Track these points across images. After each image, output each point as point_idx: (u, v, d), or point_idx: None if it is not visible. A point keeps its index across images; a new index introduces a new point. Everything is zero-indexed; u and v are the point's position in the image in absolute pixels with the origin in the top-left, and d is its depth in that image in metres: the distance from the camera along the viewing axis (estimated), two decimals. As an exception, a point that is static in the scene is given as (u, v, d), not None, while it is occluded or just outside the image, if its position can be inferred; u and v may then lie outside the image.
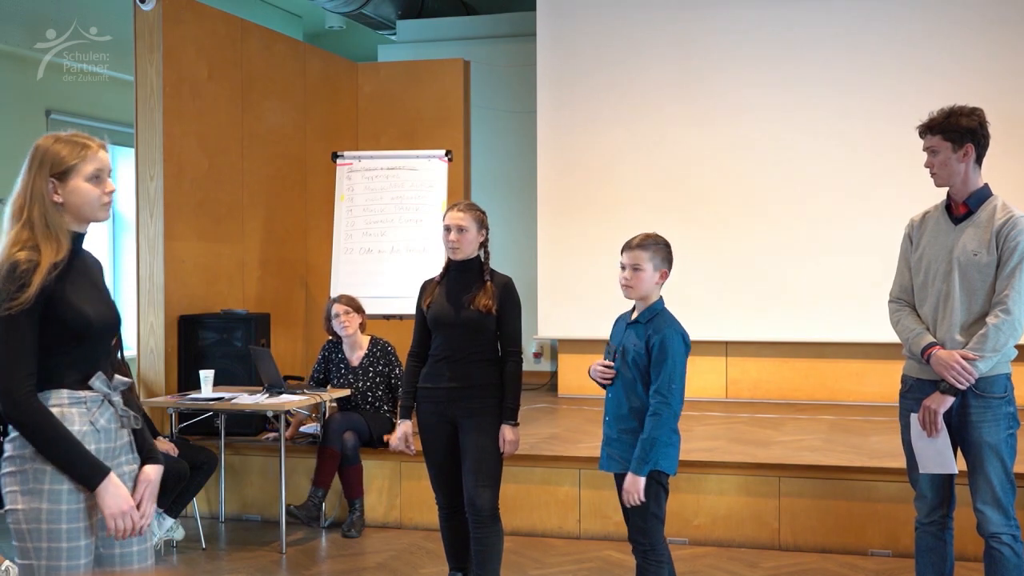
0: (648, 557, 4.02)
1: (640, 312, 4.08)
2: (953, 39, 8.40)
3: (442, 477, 4.63)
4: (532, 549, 5.89)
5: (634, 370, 4.02)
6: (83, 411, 2.80)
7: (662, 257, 4.04)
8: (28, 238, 2.76)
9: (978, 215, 3.90)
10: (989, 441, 3.82)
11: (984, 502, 3.85)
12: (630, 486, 3.91)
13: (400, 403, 4.75)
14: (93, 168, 2.85)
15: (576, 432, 7.22)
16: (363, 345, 6.63)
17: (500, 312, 4.53)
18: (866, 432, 7.04)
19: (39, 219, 2.78)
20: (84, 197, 2.83)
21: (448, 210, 4.63)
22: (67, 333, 2.78)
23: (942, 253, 3.95)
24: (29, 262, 2.72)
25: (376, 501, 6.48)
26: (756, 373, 8.77)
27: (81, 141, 2.88)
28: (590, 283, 8.94)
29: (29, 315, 2.70)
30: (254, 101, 8.24)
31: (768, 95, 8.75)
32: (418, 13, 11.27)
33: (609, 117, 9.13)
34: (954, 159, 3.89)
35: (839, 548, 5.76)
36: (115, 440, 2.88)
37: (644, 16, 9.07)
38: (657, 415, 3.92)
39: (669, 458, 3.97)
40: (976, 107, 3.95)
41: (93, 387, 2.82)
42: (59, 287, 2.76)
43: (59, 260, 2.76)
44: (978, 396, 3.83)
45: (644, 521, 3.99)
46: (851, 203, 8.46)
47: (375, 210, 8.05)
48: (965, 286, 3.87)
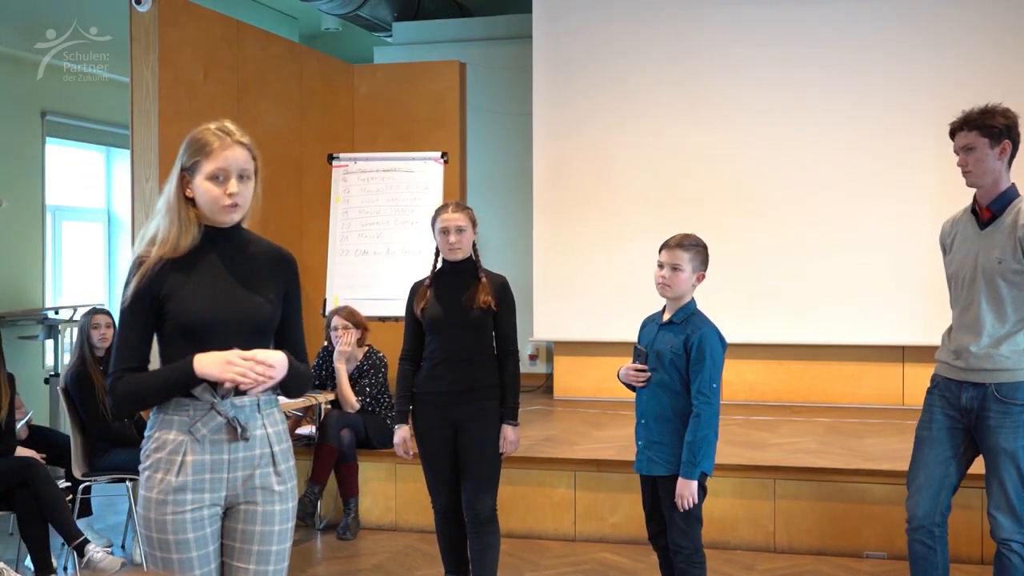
0: (692, 560, 3.99)
1: (673, 313, 4.06)
2: (952, 40, 8.40)
3: (441, 481, 4.59)
4: (527, 551, 5.89)
5: (672, 371, 3.99)
6: (184, 419, 2.71)
7: (701, 259, 4.05)
8: (155, 231, 2.75)
9: (1003, 220, 3.87)
10: (1006, 447, 3.81)
11: (997, 507, 3.84)
12: (683, 490, 3.89)
13: (396, 408, 4.71)
14: (214, 167, 2.76)
15: (572, 434, 7.22)
16: (357, 357, 6.62)
17: (498, 311, 4.52)
18: (861, 434, 7.05)
19: (166, 211, 2.75)
20: (205, 196, 2.76)
21: (440, 212, 4.57)
22: (179, 331, 2.71)
23: (968, 259, 3.93)
24: (142, 257, 2.70)
25: (372, 503, 6.47)
26: (751, 375, 8.77)
27: (207, 138, 2.81)
28: (586, 285, 8.94)
29: (133, 311, 2.69)
30: (250, 103, 8.23)
31: (764, 96, 8.75)
32: (414, 15, 11.27)
33: (605, 119, 9.14)
34: (991, 156, 3.84)
35: (834, 550, 5.77)
36: (230, 452, 2.75)
37: (640, 18, 9.07)
38: (700, 416, 3.91)
39: (709, 458, 3.97)
40: (1009, 108, 3.91)
41: (196, 395, 2.72)
42: (172, 281, 2.70)
43: (172, 254, 2.70)
44: (999, 401, 3.81)
45: (688, 524, 3.97)
46: (848, 205, 8.45)
47: (371, 212, 8.05)
48: (990, 294, 3.85)
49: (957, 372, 3.93)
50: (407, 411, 4.63)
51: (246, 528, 2.80)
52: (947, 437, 3.95)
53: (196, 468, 2.72)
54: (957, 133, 3.93)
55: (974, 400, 3.87)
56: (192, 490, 2.72)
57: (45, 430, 6.37)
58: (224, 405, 2.74)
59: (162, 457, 2.72)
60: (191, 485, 2.71)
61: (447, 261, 4.58)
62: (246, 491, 2.79)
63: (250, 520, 2.80)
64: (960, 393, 3.91)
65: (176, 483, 2.70)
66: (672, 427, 3.98)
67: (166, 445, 2.72)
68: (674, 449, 3.95)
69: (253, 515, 2.80)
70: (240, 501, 2.79)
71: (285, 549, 2.87)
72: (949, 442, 3.95)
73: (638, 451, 4.13)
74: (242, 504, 2.80)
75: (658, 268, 4.06)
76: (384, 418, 6.58)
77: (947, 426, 3.95)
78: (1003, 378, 3.82)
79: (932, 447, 3.98)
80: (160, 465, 2.72)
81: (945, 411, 3.96)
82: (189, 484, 2.71)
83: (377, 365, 6.60)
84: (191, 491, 2.72)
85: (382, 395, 6.60)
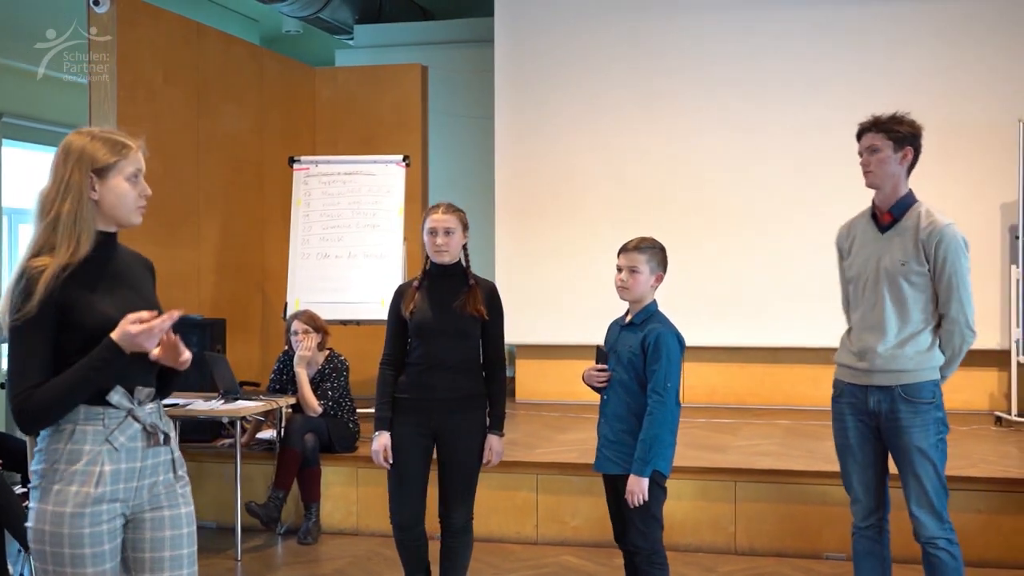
0: (652, 560, 4.00)
1: (634, 314, 4.11)
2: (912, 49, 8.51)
3: (407, 493, 4.35)
4: (489, 555, 5.88)
5: (630, 371, 4.03)
6: (99, 429, 2.65)
7: (658, 261, 4.10)
8: (48, 240, 2.65)
9: (903, 223, 3.98)
10: (919, 446, 3.88)
11: (918, 506, 3.91)
12: (634, 487, 3.91)
13: (377, 414, 4.42)
14: (133, 168, 2.76)
15: (533, 437, 7.23)
16: (318, 361, 6.58)
17: (488, 317, 4.40)
18: (821, 436, 7.08)
19: (68, 215, 2.65)
20: (122, 197, 2.72)
21: (430, 212, 4.43)
22: (85, 338, 2.62)
23: (870, 262, 4.03)
24: (38, 268, 2.60)
25: (333, 507, 6.44)
26: (712, 378, 8.81)
27: (120, 139, 2.78)
28: (547, 288, 8.95)
29: (36, 324, 2.58)
30: (210, 105, 8.18)
31: (725, 99, 8.81)
32: (376, 18, 11.25)
33: (566, 122, 9.16)
34: (894, 159, 3.96)
35: (794, 552, 5.80)
36: (141, 459, 2.72)
37: (601, 21, 9.10)
38: (653, 414, 3.94)
39: (665, 459, 3.99)
40: (915, 120, 4.03)
41: (111, 401, 2.66)
42: (76, 289, 2.63)
43: (72, 262, 2.62)
44: (907, 401, 3.89)
45: (645, 524, 3.98)
46: (806, 208, 8.51)
47: (332, 215, 8.02)
48: (894, 295, 3.94)
49: (861, 376, 4.00)
50: (389, 417, 4.36)
51: (155, 536, 2.77)
52: (863, 441, 4.03)
53: (114, 478, 2.68)
54: (864, 134, 4.05)
55: (882, 403, 3.94)
56: (108, 500, 2.67)
57: (1, 435, 6.29)
58: (141, 411, 2.72)
59: (77, 469, 2.64)
60: (108, 495, 2.67)
61: (435, 264, 4.43)
62: (151, 498, 2.77)
63: (158, 527, 2.78)
64: (866, 397, 3.98)
65: (95, 494, 2.64)
66: (628, 426, 4.01)
67: (80, 456, 2.65)
68: (630, 448, 3.98)
69: (161, 521, 2.78)
70: (145, 509, 2.76)
71: (194, 552, 2.86)
72: (868, 445, 4.03)
73: (597, 450, 4.17)
74: (147, 512, 2.77)
75: (617, 271, 4.12)
76: (346, 422, 6.55)
77: (861, 431, 4.03)
78: (907, 379, 3.91)
79: (855, 454, 4.06)
80: (75, 478, 2.64)
81: (856, 417, 4.03)
82: (107, 495, 2.67)
83: (339, 369, 6.57)
84: (107, 502, 2.67)
85: (344, 399, 6.57)
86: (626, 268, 4.08)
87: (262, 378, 7.61)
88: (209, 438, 6.91)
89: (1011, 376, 8.00)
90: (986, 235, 8.05)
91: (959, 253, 3.89)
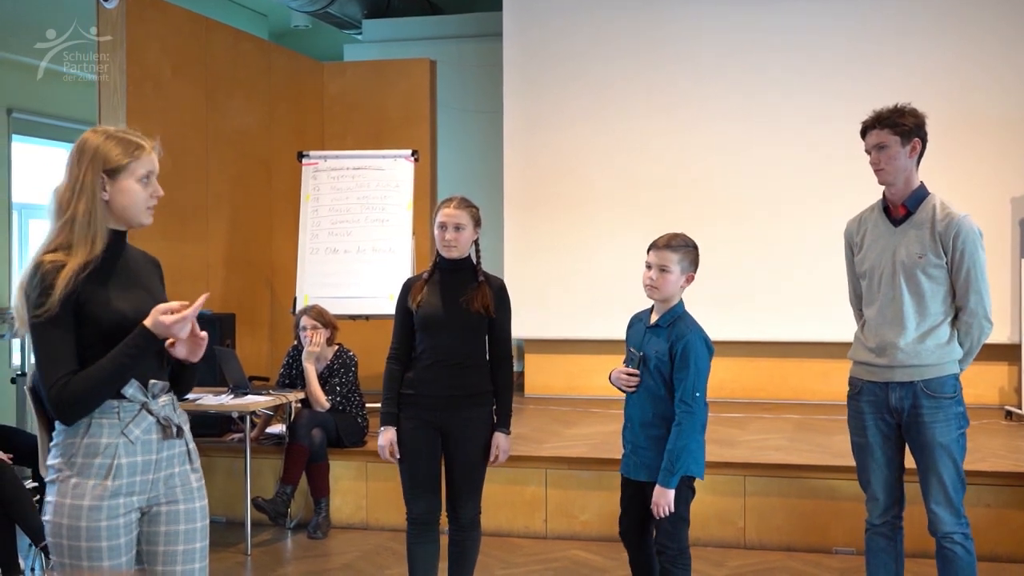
0: (677, 562, 3.95)
1: (660, 315, 4.00)
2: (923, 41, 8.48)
3: (419, 486, 4.34)
4: (498, 549, 5.89)
5: (657, 377, 3.93)
6: (114, 422, 2.69)
7: (690, 260, 3.98)
8: (65, 238, 2.69)
9: (918, 216, 3.94)
10: (942, 441, 3.85)
11: (937, 502, 3.88)
12: (659, 498, 3.84)
13: (383, 409, 4.39)
14: (145, 170, 2.78)
15: (542, 432, 7.23)
16: (327, 356, 6.58)
17: (495, 315, 4.36)
18: (831, 431, 7.09)
19: (83, 215, 2.69)
20: (132, 198, 2.75)
21: (441, 206, 4.36)
22: (101, 334, 2.67)
23: (885, 256, 3.98)
24: (53, 264, 2.64)
25: (342, 502, 6.45)
26: (721, 372, 8.72)
27: (135, 140, 2.80)
28: (556, 282, 8.95)
29: (58, 320, 2.62)
30: (219, 100, 8.19)
31: (735, 90, 8.79)
32: (384, 13, 11.24)
33: (575, 116, 9.15)
34: (903, 154, 3.92)
35: (804, 546, 5.80)
36: (157, 452, 2.76)
37: (610, 15, 9.09)
38: (682, 425, 3.84)
39: (697, 462, 3.91)
40: (917, 108, 3.99)
41: (126, 395, 2.71)
42: (92, 287, 2.67)
43: (90, 259, 2.67)
44: (929, 396, 3.86)
45: (673, 526, 3.91)
46: (817, 204, 8.48)
47: (341, 210, 8.02)
48: (912, 288, 3.91)
49: (881, 372, 3.96)
50: (395, 412, 4.35)
51: (169, 529, 2.81)
52: (883, 440, 3.99)
53: (130, 470, 2.72)
54: (869, 131, 4.01)
55: (904, 399, 3.90)
56: (125, 494, 2.71)
57: (11, 430, 6.29)
58: (155, 404, 2.76)
59: (95, 462, 2.69)
60: (124, 489, 2.71)
61: (444, 258, 4.37)
62: (167, 490, 2.80)
63: (173, 520, 2.82)
64: (887, 394, 3.94)
65: (112, 487, 2.68)
66: (656, 432, 3.91)
67: (97, 450, 2.69)
68: (657, 455, 3.89)
69: (176, 514, 2.82)
70: (162, 501, 2.80)
71: (206, 546, 2.90)
72: (887, 444, 4.00)
73: (624, 454, 4.08)
74: (163, 505, 2.80)
75: (646, 268, 3.99)
76: (355, 417, 6.56)
77: (881, 430, 3.99)
78: (930, 374, 3.87)
79: (873, 452, 4.02)
80: (92, 471, 2.68)
81: (875, 416, 3.99)
82: (124, 488, 2.70)
83: (347, 364, 6.57)
84: (124, 495, 2.71)
85: (352, 394, 6.57)
86: (656, 266, 3.95)
87: (271, 373, 7.63)
88: (218, 433, 6.92)
89: (1021, 370, 7.97)
90: (996, 229, 8.03)
91: (976, 245, 3.86)
